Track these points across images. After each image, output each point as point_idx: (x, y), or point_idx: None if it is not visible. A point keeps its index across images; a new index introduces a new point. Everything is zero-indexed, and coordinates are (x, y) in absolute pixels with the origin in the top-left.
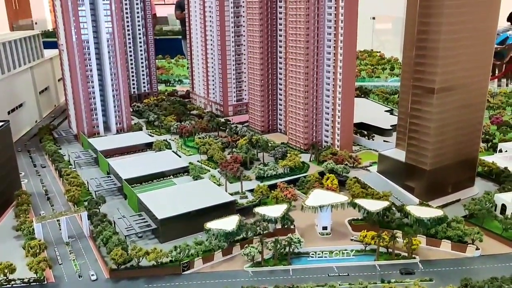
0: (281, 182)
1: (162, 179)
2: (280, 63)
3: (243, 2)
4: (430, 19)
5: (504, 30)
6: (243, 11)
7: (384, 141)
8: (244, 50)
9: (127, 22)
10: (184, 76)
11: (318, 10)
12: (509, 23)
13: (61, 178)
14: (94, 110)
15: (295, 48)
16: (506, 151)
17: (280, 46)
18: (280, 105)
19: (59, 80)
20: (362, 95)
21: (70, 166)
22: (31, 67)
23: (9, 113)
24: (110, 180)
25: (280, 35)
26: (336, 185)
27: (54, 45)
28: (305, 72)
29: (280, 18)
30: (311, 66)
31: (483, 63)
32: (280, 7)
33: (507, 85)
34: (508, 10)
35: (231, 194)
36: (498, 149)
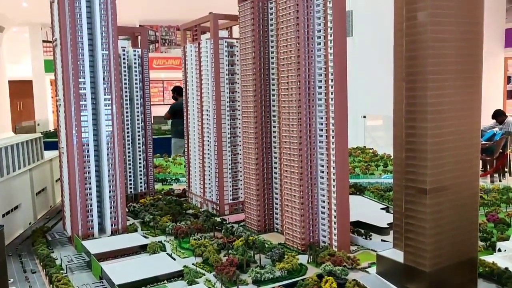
0: (279, 286)
1: (155, 284)
2: (275, 163)
3: (239, 106)
4: (416, 123)
5: (490, 127)
6: (239, 114)
7: (381, 240)
8: (240, 150)
9: (127, 124)
10: (181, 175)
11: (310, 114)
12: (494, 120)
13: (51, 285)
14: (89, 212)
15: (288, 149)
16: (505, 250)
17: (275, 147)
18: (276, 204)
19: (56, 181)
20: (358, 193)
21: (61, 271)
22: (30, 169)
23: (3, 215)
24: (102, 286)
25: (275, 136)
26: None
27: (54, 145)
28: (300, 172)
29: (274, 121)
30: (305, 167)
31: (471, 163)
32: (274, 108)
33: (500, 180)
34: (490, 109)
35: None
36: (497, 248)
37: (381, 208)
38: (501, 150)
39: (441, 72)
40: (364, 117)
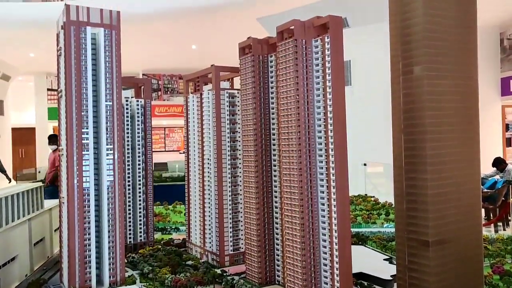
0: None
1: None
2: (277, 212)
3: (240, 155)
4: (416, 175)
5: (491, 175)
6: (239, 163)
7: None
8: (241, 199)
9: (128, 172)
10: (181, 223)
11: (310, 163)
12: (494, 168)
13: None
14: (88, 263)
15: (289, 199)
16: None
17: (276, 196)
18: (278, 255)
19: (55, 231)
20: (360, 242)
21: None
22: (29, 219)
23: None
24: None
25: (275, 186)
26: None
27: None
28: (301, 223)
29: (275, 170)
30: (306, 217)
31: (474, 214)
32: (274, 157)
33: (504, 229)
34: (490, 156)
35: None
36: None
37: (384, 259)
38: (503, 198)
39: (439, 124)
40: (365, 164)
